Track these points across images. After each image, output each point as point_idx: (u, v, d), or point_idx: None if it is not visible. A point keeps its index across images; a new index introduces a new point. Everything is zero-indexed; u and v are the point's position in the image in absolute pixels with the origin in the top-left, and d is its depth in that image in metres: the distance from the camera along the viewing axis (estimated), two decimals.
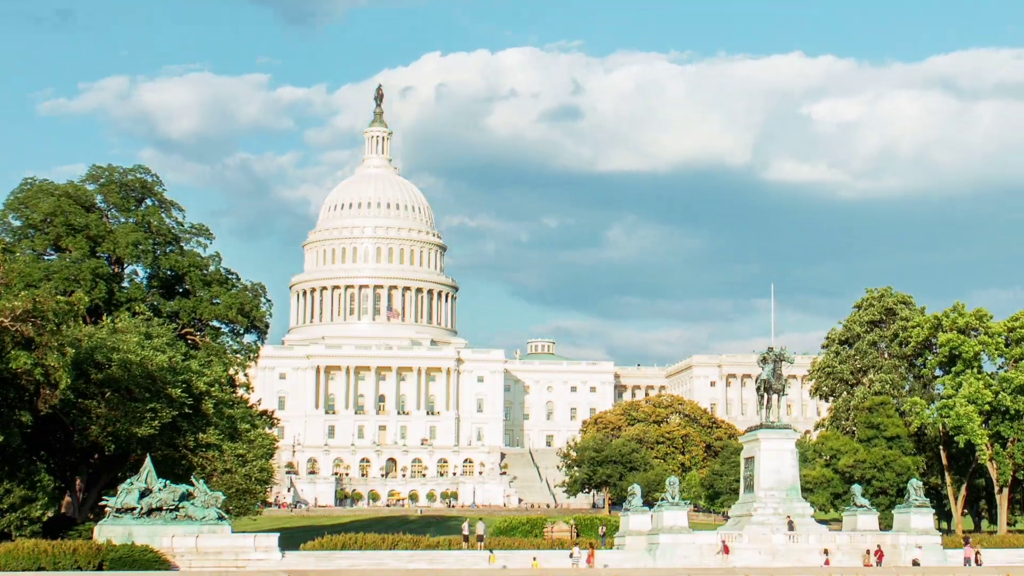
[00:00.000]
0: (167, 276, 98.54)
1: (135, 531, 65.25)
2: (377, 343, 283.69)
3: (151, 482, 67.97)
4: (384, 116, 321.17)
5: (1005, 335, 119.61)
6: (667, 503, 76.08)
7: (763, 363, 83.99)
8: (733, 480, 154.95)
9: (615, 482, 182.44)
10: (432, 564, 70.09)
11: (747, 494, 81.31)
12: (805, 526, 77.64)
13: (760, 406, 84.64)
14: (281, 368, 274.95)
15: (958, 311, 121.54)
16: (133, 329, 77.71)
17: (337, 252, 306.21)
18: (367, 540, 76.09)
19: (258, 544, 67.09)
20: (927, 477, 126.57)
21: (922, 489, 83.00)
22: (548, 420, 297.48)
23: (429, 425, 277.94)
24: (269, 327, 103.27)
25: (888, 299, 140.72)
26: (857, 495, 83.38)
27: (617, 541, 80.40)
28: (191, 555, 65.42)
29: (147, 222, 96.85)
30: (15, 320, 64.46)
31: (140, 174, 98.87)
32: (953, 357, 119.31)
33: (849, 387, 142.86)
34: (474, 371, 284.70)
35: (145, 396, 72.40)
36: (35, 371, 65.30)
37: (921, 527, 78.44)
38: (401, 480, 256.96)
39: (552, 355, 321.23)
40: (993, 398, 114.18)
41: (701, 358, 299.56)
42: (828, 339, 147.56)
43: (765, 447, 79.81)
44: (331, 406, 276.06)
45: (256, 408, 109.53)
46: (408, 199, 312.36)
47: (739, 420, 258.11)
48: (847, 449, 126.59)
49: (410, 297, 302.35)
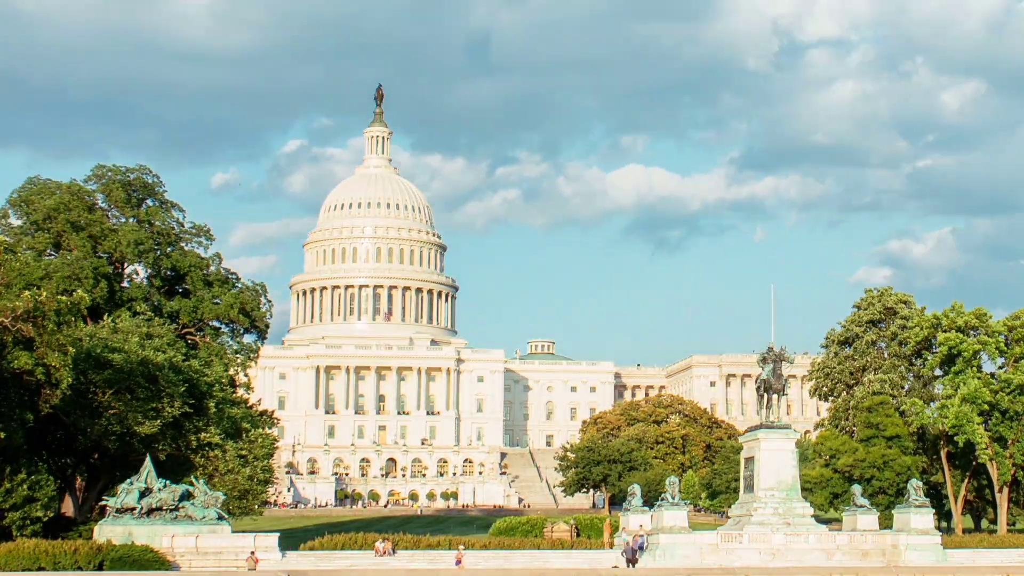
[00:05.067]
0: (168, 276, 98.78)
1: (135, 531, 65.32)
2: (377, 343, 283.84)
3: (151, 482, 68.03)
4: (384, 116, 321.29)
5: (1005, 334, 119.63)
6: (667, 503, 76.09)
7: (763, 363, 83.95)
8: (733, 480, 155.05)
9: (614, 482, 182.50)
10: (432, 564, 70.15)
11: (747, 494, 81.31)
12: (805, 526, 77.67)
13: (760, 406, 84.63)
14: (281, 368, 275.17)
15: (957, 311, 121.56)
16: (134, 329, 77.82)
17: (337, 252, 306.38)
18: (367, 540, 76.14)
19: (258, 544, 67.12)
20: (927, 477, 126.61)
21: (922, 489, 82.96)
22: (548, 420, 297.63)
23: (429, 425, 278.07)
24: (269, 327, 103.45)
25: (888, 299, 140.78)
26: (857, 495, 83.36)
27: (617, 541, 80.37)
28: (191, 555, 65.48)
29: (148, 222, 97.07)
30: (16, 320, 64.50)
31: (142, 174, 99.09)
32: (952, 356, 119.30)
33: (848, 387, 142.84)
34: (474, 371, 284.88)
35: (146, 395, 72.47)
36: (36, 371, 65.35)
37: (921, 527, 78.41)
38: (401, 480, 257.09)
39: (552, 355, 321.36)
40: (993, 398, 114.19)
41: (701, 358, 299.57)
42: (828, 339, 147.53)
43: (765, 447, 79.80)
44: (331, 406, 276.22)
45: (256, 408, 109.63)
46: (408, 199, 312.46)
47: (739, 420, 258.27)
48: (847, 449, 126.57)
49: (410, 297, 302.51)
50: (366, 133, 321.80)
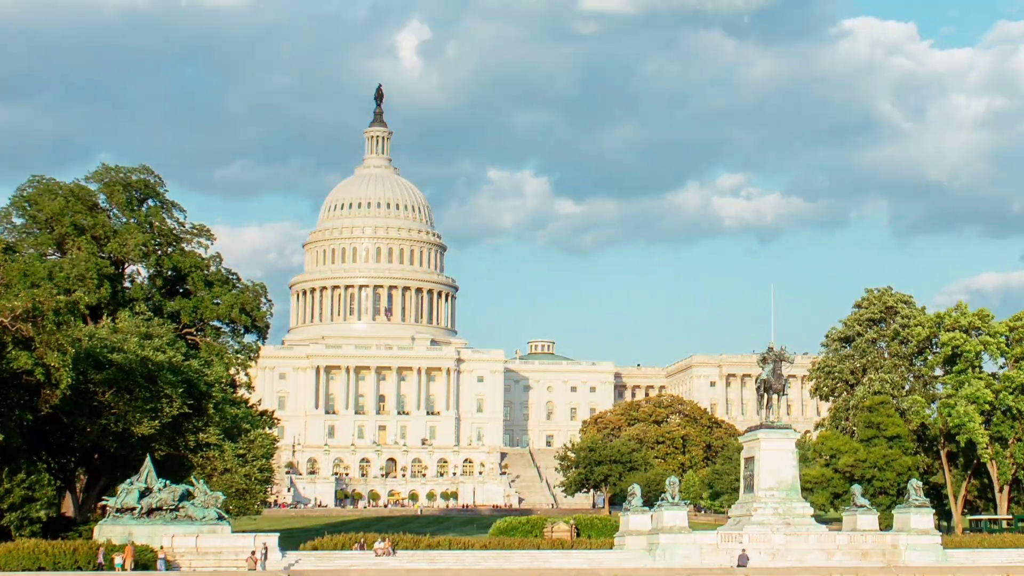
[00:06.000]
0: (169, 276, 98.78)
1: (135, 531, 65.31)
2: (377, 343, 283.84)
3: (151, 482, 68.03)
4: (384, 116, 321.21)
5: (1006, 335, 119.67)
6: (667, 503, 76.09)
7: (763, 363, 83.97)
8: (733, 480, 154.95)
9: (614, 482, 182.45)
10: (432, 564, 70.15)
11: (747, 494, 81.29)
12: (805, 526, 77.65)
13: (760, 406, 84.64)
14: (281, 368, 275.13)
15: (960, 310, 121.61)
16: (133, 329, 77.79)
17: (336, 252, 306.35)
18: (367, 540, 76.18)
19: (258, 544, 67.11)
20: (927, 477, 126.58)
21: (922, 489, 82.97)
22: (548, 420, 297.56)
23: (429, 425, 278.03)
24: (269, 327, 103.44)
25: (888, 298, 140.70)
26: (857, 495, 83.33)
27: (617, 541, 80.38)
28: (191, 555, 65.47)
29: (149, 223, 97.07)
30: (15, 320, 64.48)
31: (143, 175, 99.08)
32: (954, 356, 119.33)
33: (849, 387, 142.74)
34: (474, 371, 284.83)
35: (146, 395, 72.43)
36: (36, 371, 65.30)
37: (921, 527, 78.41)
38: (401, 480, 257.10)
39: (552, 355, 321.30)
40: (994, 397, 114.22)
41: (701, 358, 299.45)
42: (828, 338, 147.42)
43: (765, 447, 79.79)
44: (331, 406, 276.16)
45: (256, 408, 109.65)
46: (407, 199, 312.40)
47: (739, 420, 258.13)
48: (847, 449, 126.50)
49: (410, 297, 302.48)
50: (366, 133, 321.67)
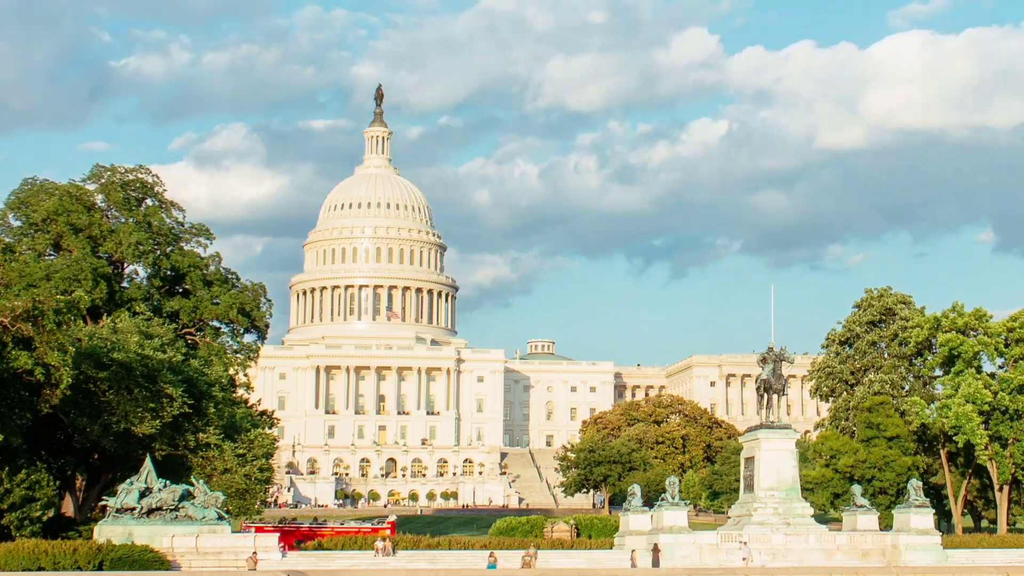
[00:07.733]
0: (168, 276, 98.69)
1: (135, 531, 65.28)
2: (377, 343, 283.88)
3: (151, 482, 68.01)
4: (384, 116, 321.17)
5: (1004, 335, 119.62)
6: (667, 503, 76.07)
7: (763, 363, 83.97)
8: (733, 480, 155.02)
9: (614, 482, 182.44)
10: (432, 564, 70.14)
11: (747, 494, 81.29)
12: (805, 526, 77.66)
13: (760, 406, 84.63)
14: (281, 368, 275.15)
15: (957, 311, 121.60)
16: (133, 329, 77.75)
17: (336, 252, 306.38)
18: (367, 540, 76.21)
19: (258, 544, 67.12)
20: (927, 477, 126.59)
21: (922, 489, 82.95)
22: (548, 420, 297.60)
23: (429, 425, 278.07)
24: (269, 327, 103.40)
25: (888, 299, 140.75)
26: (857, 495, 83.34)
27: (617, 541, 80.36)
28: (191, 555, 65.46)
29: (148, 222, 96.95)
30: (15, 320, 64.46)
31: (141, 174, 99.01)
32: (952, 357, 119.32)
33: (849, 387, 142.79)
34: (474, 371, 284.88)
35: (146, 395, 72.41)
36: (36, 370, 65.29)
37: (921, 527, 78.41)
38: (401, 480, 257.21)
39: (552, 355, 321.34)
40: (992, 398, 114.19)
41: (701, 358, 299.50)
42: (828, 339, 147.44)
43: (765, 447, 79.79)
44: (331, 406, 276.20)
45: (256, 408, 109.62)
46: (407, 199, 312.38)
47: (739, 420, 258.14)
48: (847, 449, 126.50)
49: (410, 297, 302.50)
50: (366, 133, 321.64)
